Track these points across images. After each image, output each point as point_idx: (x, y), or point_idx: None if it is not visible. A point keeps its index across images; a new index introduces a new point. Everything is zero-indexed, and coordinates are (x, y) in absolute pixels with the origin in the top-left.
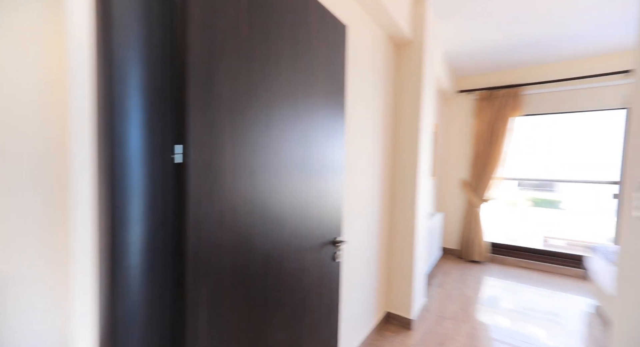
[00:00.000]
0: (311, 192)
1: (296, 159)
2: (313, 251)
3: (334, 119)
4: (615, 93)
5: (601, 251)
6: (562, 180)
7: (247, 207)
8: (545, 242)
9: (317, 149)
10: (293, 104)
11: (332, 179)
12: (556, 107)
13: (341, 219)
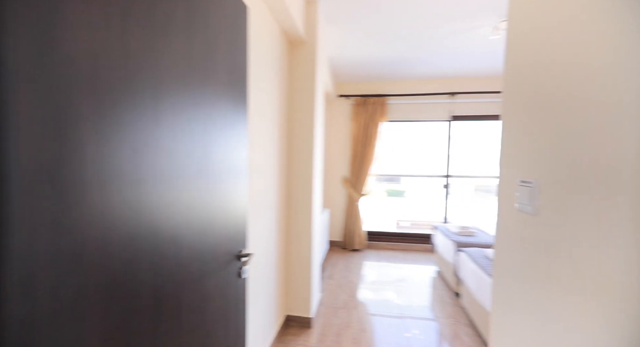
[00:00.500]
0: (214, 201)
1: (195, 161)
2: (217, 271)
3: (236, 112)
4: (444, 108)
5: (441, 229)
6: (411, 175)
7: (126, 232)
8: (397, 224)
9: (220, 148)
10: (190, 90)
11: (236, 183)
12: (410, 116)
13: (246, 229)
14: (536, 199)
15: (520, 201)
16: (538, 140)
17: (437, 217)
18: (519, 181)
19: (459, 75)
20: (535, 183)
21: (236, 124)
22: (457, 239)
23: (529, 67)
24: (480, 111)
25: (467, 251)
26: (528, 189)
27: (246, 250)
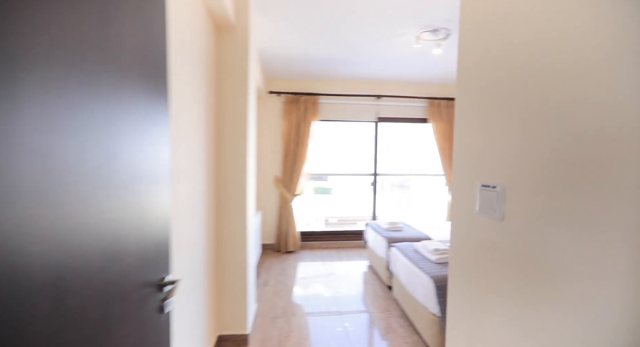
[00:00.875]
0: (124, 218)
1: (93, 167)
2: (130, 313)
3: (154, 103)
4: (372, 110)
5: (371, 225)
6: (341, 173)
7: None
8: (326, 221)
9: (131, 147)
10: (79, 69)
11: (156, 191)
12: (340, 116)
13: (170, 248)
14: (501, 203)
15: (482, 206)
16: (502, 142)
17: (364, 213)
18: (480, 184)
19: (385, 79)
20: (500, 188)
21: (155, 117)
22: (387, 235)
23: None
24: (404, 114)
25: (398, 246)
26: (492, 193)
27: (170, 275)
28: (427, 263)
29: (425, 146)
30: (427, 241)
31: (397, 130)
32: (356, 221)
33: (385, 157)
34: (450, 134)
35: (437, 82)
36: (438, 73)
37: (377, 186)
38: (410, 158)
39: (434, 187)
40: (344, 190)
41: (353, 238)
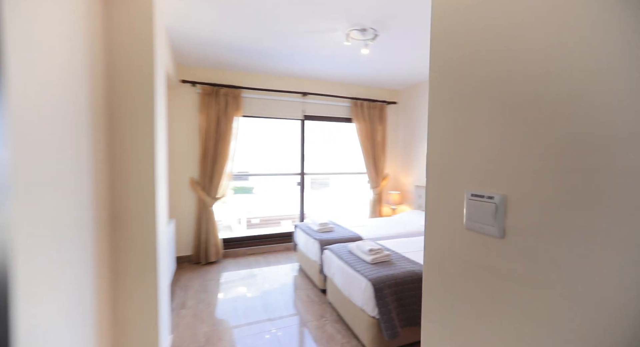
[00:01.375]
0: None
1: None
2: None
3: None
4: (298, 107)
5: (301, 227)
6: (266, 173)
7: None
8: (248, 223)
9: None
10: None
11: None
12: (265, 112)
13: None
14: (502, 217)
15: (471, 219)
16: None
17: (288, 212)
18: (469, 194)
19: (312, 77)
20: (499, 198)
21: None
22: (319, 236)
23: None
24: (330, 113)
25: (331, 249)
26: (487, 205)
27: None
28: (364, 265)
29: (350, 145)
30: (361, 242)
31: (323, 128)
32: (280, 221)
33: (312, 155)
34: (372, 134)
35: (362, 84)
36: (363, 74)
37: (303, 185)
38: (335, 156)
39: (357, 185)
40: (266, 189)
41: (281, 241)
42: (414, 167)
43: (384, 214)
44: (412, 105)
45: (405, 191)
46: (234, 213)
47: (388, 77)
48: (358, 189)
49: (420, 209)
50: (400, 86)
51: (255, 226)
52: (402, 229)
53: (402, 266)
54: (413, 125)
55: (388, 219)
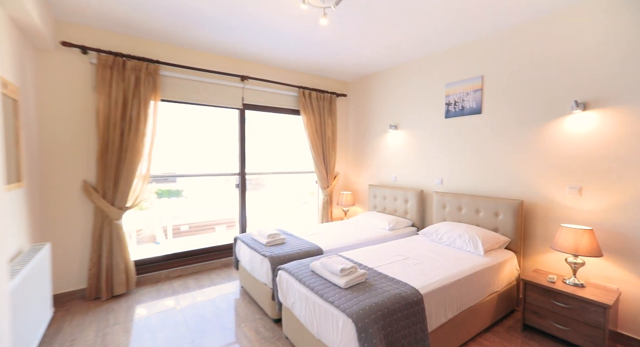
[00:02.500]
0: None
1: None
2: None
3: None
4: (236, 94)
5: (244, 240)
6: (197, 174)
7: None
8: (176, 231)
9: None
10: None
11: None
12: (193, 97)
13: None
14: None
15: None
16: None
17: (225, 216)
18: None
19: (253, 58)
20: None
21: None
22: (269, 252)
23: None
24: (275, 103)
25: (288, 270)
26: None
27: None
28: (335, 291)
29: (297, 141)
30: (326, 259)
31: (266, 120)
32: (214, 226)
33: (254, 152)
34: (321, 128)
35: (311, 72)
36: (313, 61)
37: (244, 187)
38: (281, 153)
39: (305, 186)
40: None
41: (216, 256)
42: (366, 165)
43: (334, 216)
44: (363, 99)
45: (358, 191)
46: (158, 221)
47: (339, 66)
48: (304, 190)
49: (375, 209)
50: (350, 77)
51: (184, 234)
52: (364, 235)
53: (384, 288)
54: (364, 120)
55: (343, 223)
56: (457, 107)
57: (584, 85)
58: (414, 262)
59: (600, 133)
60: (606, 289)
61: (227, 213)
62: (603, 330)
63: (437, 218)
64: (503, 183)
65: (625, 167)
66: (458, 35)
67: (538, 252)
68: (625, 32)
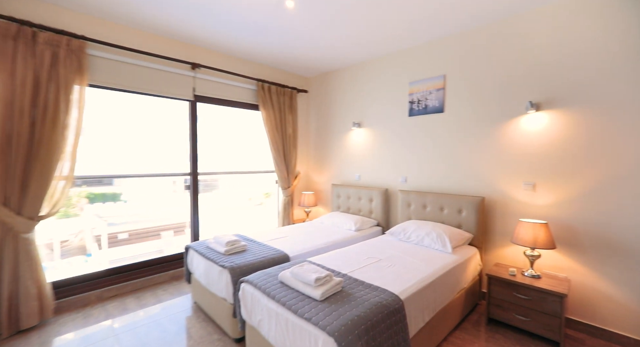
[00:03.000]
0: None
1: None
2: None
3: None
4: (186, 83)
5: (198, 249)
6: (137, 175)
7: None
8: (114, 239)
9: None
10: None
11: None
12: (129, 82)
13: None
14: None
15: None
16: None
17: (173, 221)
18: None
19: (207, 44)
20: None
21: None
22: (229, 262)
23: None
24: (231, 96)
25: (253, 282)
26: None
27: None
28: (312, 305)
29: (256, 138)
30: (297, 267)
31: (221, 115)
32: (159, 232)
33: (207, 150)
34: (282, 125)
35: (270, 64)
36: (273, 51)
37: (196, 189)
38: (238, 152)
39: (262, 186)
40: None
41: (163, 268)
42: (329, 164)
43: (296, 218)
44: (325, 95)
45: (320, 191)
46: (89, 230)
47: (301, 59)
48: (259, 191)
49: (339, 209)
50: (311, 73)
51: (123, 243)
52: (330, 237)
53: (364, 297)
54: (326, 117)
55: (307, 225)
56: (421, 105)
57: (537, 87)
58: (386, 264)
59: (551, 133)
60: (558, 279)
61: (174, 218)
62: (560, 318)
63: (403, 217)
64: (465, 180)
65: (573, 165)
66: (423, 33)
67: (497, 247)
68: (578, 40)
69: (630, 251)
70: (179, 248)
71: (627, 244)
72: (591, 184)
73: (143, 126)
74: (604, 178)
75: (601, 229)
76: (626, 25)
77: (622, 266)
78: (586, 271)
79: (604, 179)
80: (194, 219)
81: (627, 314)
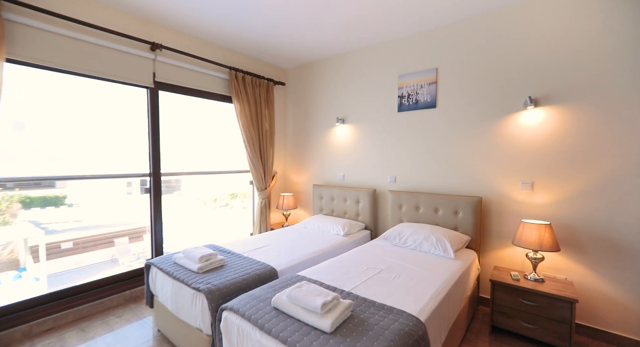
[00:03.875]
0: None
1: None
2: None
3: None
4: (145, 67)
5: (161, 266)
6: (79, 176)
7: None
8: (57, 249)
9: None
10: None
11: None
12: (70, 63)
13: None
14: None
15: None
16: None
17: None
18: None
19: (167, 21)
20: None
21: None
22: (205, 284)
23: None
24: (199, 85)
25: (238, 310)
26: None
27: None
28: (321, 340)
29: (227, 135)
30: (295, 289)
31: (188, 106)
32: (113, 239)
33: (171, 146)
34: (258, 119)
35: (245, 52)
36: (247, 38)
37: (159, 191)
38: (207, 149)
39: (232, 187)
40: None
41: (116, 289)
42: (309, 164)
43: (273, 222)
44: (305, 89)
45: (299, 192)
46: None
47: (279, 48)
48: (224, 193)
49: (322, 212)
50: (290, 64)
51: (67, 253)
52: (319, 244)
53: (381, 324)
54: (306, 113)
55: (289, 230)
56: (411, 100)
57: (534, 83)
58: (390, 275)
59: (549, 130)
60: (561, 282)
61: (130, 223)
62: (569, 324)
63: (393, 219)
64: (459, 179)
65: (572, 163)
66: (414, 23)
67: (493, 249)
68: (577, 34)
69: (630, 250)
70: (136, 256)
71: (627, 243)
72: (591, 183)
73: (94, 118)
74: (603, 176)
75: (600, 228)
76: (625, 21)
77: (622, 266)
78: (585, 271)
79: (603, 177)
80: (156, 226)
81: (628, 314)
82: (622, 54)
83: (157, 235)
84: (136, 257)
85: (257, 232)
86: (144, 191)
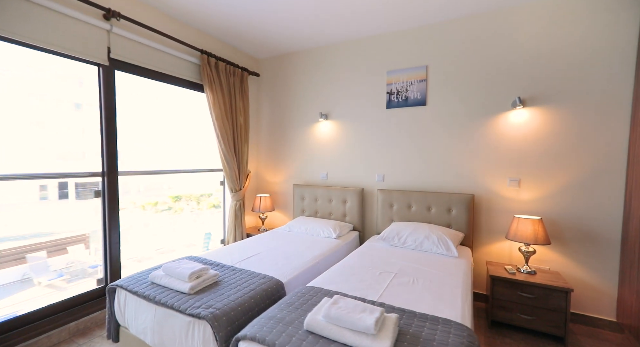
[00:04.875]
0: None
1: None
2: None
3: None
4: (93, 37)
5: (131, 288)
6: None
7: None
8: None
9: None
10: None
11: None
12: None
13: None
14: None
15: None
16: None
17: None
18: None
19: None
20: None
21: None
22: (206, 309)
23: None
24: (163, 67)
25: (261, 338)
26: None
27: None
28: None
29: (197, 128)
30: (333, 307)
31: (150, 91)
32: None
33: (128, 139)
34: (232, 112)
35: (219, 36)
36: (222, 18)
37: (106, 194)
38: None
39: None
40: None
41: (66, 318)
42: (287, 162)
43: (248, 226)
44: (284, 81)
45: (276, 193)
46: None
47: (253, 33)
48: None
49: (304, 213)
50: (265, 54)
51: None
52: (315, 249)
53: (439, 340)
54: (284, 107)
55: (273, 234)
56: (401, 97)
57: (523, 83)
58: (407, 279)
59: (535, 129)
60: (548, 272)
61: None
62: (565, 313)
63: (384, 218)
64: (449, 178)
65: (556, 161)
66: (405, 19)
67: (483, 244)
68: (559, 39)
69: (603, 240)
70: (58, 273)
71: (601, 234)
72: (571, 180)
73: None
74: (582, 174)
75: (579, 221)
76: (614, 24)
77: (601, 256)
78: (567, 261)
79: (582, 174)
80: (112, 238)
81: (602, 298)
82: (608, 56)
83: (112, 248)
84: (58, 274)
85: (231, 238)
86: (94, 194)
